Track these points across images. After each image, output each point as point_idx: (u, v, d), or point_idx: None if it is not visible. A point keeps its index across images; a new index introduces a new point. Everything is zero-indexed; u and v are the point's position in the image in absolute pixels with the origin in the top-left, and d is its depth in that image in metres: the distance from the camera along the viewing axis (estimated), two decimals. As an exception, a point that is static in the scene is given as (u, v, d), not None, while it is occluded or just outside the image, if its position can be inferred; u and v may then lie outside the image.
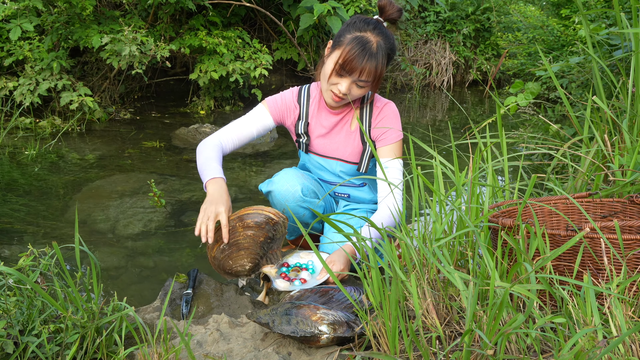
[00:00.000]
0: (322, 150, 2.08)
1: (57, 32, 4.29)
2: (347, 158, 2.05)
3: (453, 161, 1.60)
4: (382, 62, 1.80)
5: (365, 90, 1.88)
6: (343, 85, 1.84)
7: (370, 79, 1.82)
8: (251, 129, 2.03)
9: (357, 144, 2.02)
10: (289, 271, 1.87)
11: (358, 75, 1.81)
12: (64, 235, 2.43)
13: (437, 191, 1.53)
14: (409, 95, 7.00)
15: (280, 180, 2.00)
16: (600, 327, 1.10)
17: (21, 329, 1.29)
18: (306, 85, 2.10)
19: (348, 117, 2.03)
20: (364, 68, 1.79)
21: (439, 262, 1.33)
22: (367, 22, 1.84)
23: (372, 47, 1.79)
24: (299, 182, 1.99)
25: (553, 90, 4.25)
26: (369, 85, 1.85)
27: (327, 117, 2.04)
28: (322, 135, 2.05)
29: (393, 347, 1.23)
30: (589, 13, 3.36)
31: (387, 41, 1.83)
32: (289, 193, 1.98)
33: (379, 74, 1.82)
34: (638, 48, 2.04)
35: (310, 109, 2.06)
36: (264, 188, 2.07)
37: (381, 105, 2.00)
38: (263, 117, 2.05)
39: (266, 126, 2.06)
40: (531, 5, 8.84)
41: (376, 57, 1.79)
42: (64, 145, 3.93)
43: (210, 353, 1.41)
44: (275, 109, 2.06)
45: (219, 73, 4.70)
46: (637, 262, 1.31)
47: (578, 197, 1.66)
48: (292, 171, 2.04)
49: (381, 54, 1.80)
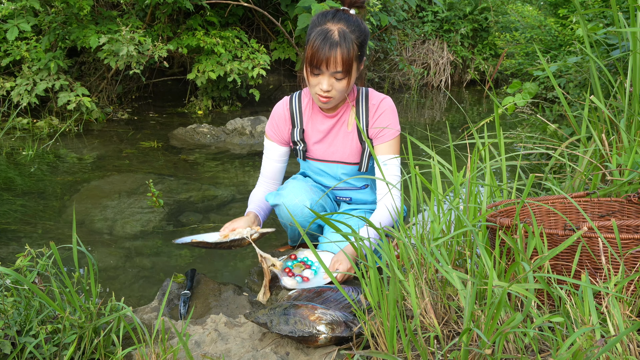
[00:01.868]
0: (321, 155, 2.06)
1: (55, 32, 4.29)
2: (347, 160, 2.03)
3: (451, 161, 1.60)
4: (349, 48, 1.77)
5: (346, 82, 1.84)
6: (323, 83, 1.82)
7: (342, 68, 1.79)
8: (274, 164, 2.12)
9: (355, 144, 2.01)
10: (293, 265, 1.87)
11: (329, 67, 1.79)
12: (62, 236, 2.43)
13: (435, 191, 1.53)
14: (406, 95, 7.00)
15: (289, 194, 1.98)
16: (598, 326, 1.10)
17: (19, 330, 1.29)
18: (296, 92, 2.07)
19: (344, 118, 2.01)
20: (329, 58, 1.77)
21: (437, 262, 1.33)
22: (325, 14, 1.83)
23: (334, 35, 1.77)
24: (308, 197, 1.96)
25: (551, 90, 4.26)
26: (345, 75, 1.81)
27: (322, 121, 2.02)
28: (320, 140, 2.04)
29: (391, 346, 1.23)
30: (586, 13, 3.36)
31: (350, 26, 1.80)
32: (297, 208, 1.96)
33: (349, 60, 1.78)
34: (635, 47, 2.05)
35: (304, 115, 2.04)
36: (271, 200, 2.04)
37: (377, 101, 1.97)
38: (273, 149, 2.10)
39: (282, 152, 2.10)
40: (529, 5, 8.84)
41: (339, 44, 1.76)
42: (61, 145, 3.92)
43: (208, 353, 1.41)
44: (274, 134, 2.07)
45: (216, 73, 4.69)
46: (634, 261, 1.31)
47: (576, 196, 1.66)
48: (300, 184, 2.01)
49: (345, 39, 1.77)
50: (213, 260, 2.25)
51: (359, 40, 1.81)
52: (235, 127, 4.41)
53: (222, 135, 4.35)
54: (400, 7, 6.70)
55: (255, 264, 2.15)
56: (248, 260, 2.26)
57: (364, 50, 1.87)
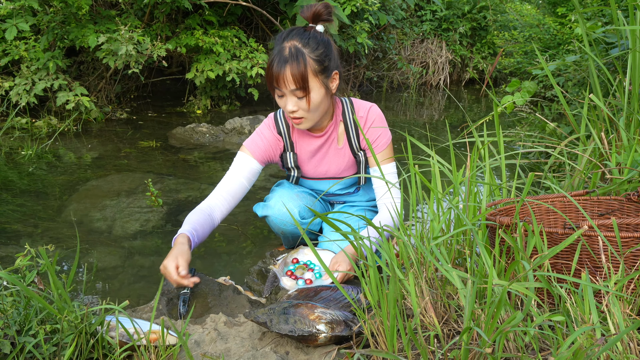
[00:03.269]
0: (313, 173, 2.03)
1: (53, 32, 4.28)
2: (341, 175, 2.02)
3: (450, 160, 1.60)
4: (299, 63, 1.70)
5: (309, 99, 1.76)
6: (289, 103, 1.76)
7: (296, 85, 1.72)
8: (240, 180, 1.90)
9: (349, 158, 1.99)
10: (295, 268, 1.87)
11: (285, 86, 1.73)
12: (61, 235, 2.42)
13: (435, 189, 1.53)
14: (405, 94, 7.00)
15: (276, 204, 1.95)
16: (598, 325, 1.10)
17: (18, 329, 1.29)
18: (277, 112, 1.99)
19: (333, 135, 1.96)
20: (279, 75, 1.71)
21: (437, 261, 1.33)
22: (282, 34, 1.78)
23: (284, 52, 1.72)
24: (296, 205, 1.94)
25: (549, 89, 4.26)
26: (303, 92, 1.74)
27: (310, 141, 1.97)
28: (310, 160, 2.00)
29: (391, 345, 1.23)
30: (585, 11, 3.36)
31: (303, 40, 1.74)
32: (286, 217, 1.94)
33: (303, 76, 1.71)
34: (635, 46, 2.05)
35: (293, 138, 1.98)
36: (260, 212, 2.01)
37: (365, 113, 1.93)
38: (247, 163, 1.92)
39: (254, 171, 1.93)
40: (527, 3, 8.85)
41: (288, 60, 1.71)
42: (60, 145, 3.92)
43: (208, 352, 1.41)
44: (258, 150, 1.94)
45: (215, 72, 4.69)
46: (634, 260, 1.31)
47: (575, 195, 1.66)
48: (287, 192, 1.98)
49: (297, 55, 1.71)
50: (212, 260, 2.25)
51: (315, 53, 1.74)
52: (234, 126, 4.41)
53: (221, 134, 4.35)
54: (398, 6, 6.70)
55: (255, 263, 2.14)
56: (248, 260, 2.26)
57: (330, 63, 1.78)
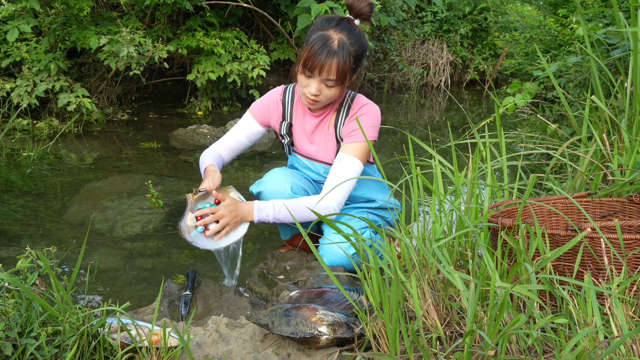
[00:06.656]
0: (306, 152, 2.09)
1: (55, 34, 4.28)
2: (329, 160, 2.05)
3: (452, 161, 1.60)
4: (345, 59, 1.77)
5: (336, 91, 1.85)
6: (313, 86, 1.83)
7: (335, 77, 1.79)
8: (241, 138, 2.14)
9: (333, 145, 2.03)
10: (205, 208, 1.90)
11: (322, 74, 1.79)
12: (62, 237, 2.42)
13: (437, 191, 1.53)
14: (406, 96, 7.00)
15: (269, 180, 2.01)
16: (601, 327, 1.10)
17: (20, 331, 1.29)
18: (291, 85, 2.09)
19: (327, 119, 2.02)
20: (324, 65, 1.77)
21: (438, 263, 1.33)
22: (330, 20, 1.82)
23: (333, 44, 1.77)
24: (288, 181, 1.98)
25: (551, 90, 4.26)
26: (336, 84, 1.82)
27: (309, 119, 2.04)
28: (305, 137, 2.06)
29: (393, 348, 1.23)
30: (586, 12, 3.36)
31: (351, 38, 1.80)
32: (278, 192, 1.97)
33: (343, 71, 1.78)
34: (636, 47, 2.04)
35: (295, 111, 2.06)
36: (254, 189, 2.07)
37: (359, 106, 1.97)
38: (249, 124, 2.12)
39: (255, 132, 2.13)
40: (528, 5, 8.85)
41: (337, 53, 1.76)
42: (61, 146, 3.92)
43: (210, 354, 1.40)
44: (259, 113, 2.10)
45: (216, 74, 4.69)
46: (637, 262, 1.31)
47: (577, 196, 1.66)
48: (281, 170, 2.04)
49: (343, 50, 1.77)
50: (214, 261, 2.25)
51: (357, 53, 1.82)
52: (235, 127, 4.40)
53: (222, 135, 4.34)
54: (399, 8, 6.70)
55: (256, 264, 2.14)
56: (249, 262, 2.26)
57: (360, 64, 1.88)
